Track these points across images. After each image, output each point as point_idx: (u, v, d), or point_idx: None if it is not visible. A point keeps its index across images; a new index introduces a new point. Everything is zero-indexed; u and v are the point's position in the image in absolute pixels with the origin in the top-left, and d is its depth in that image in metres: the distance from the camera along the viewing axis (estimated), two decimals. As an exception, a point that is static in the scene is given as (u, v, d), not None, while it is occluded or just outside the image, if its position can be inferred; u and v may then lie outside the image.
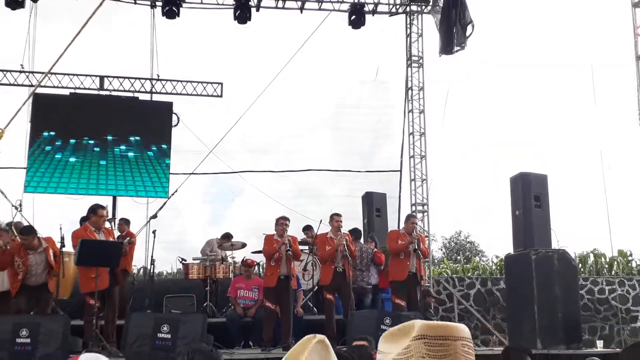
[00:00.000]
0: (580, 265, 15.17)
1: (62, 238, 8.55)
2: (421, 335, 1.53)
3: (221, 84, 13.12)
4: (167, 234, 10.09)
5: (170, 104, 12.71)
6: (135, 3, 12.80)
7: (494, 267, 17.55)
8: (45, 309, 8.29)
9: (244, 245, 11.11)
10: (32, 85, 12.31)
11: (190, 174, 12.89)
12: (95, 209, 8.20)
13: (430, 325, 1.57)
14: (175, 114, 12.70)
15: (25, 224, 10.82)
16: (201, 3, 12.92)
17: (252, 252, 10.96)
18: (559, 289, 8.79)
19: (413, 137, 13.36)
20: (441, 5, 12.58)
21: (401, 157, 13.53)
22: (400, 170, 13.46)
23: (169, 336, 7.09)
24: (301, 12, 13.33)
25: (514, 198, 9.43)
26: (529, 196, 9.11)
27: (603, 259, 16.22)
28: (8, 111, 12.01)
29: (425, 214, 13.11)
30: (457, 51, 12.18)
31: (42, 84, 12.21)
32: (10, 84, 12.34)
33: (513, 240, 9.45)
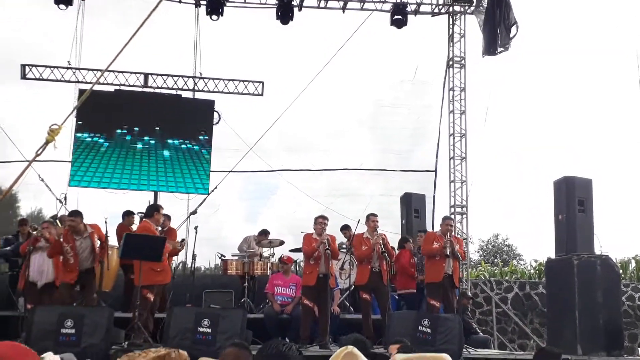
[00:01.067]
0: (621, 271, 14.89)
1: (107, 232, 8.71)
2: None
3: (262, 82, 13.24)
4: (204, 230, 10.20)
5: (212, 102, 12.88)
6: (180, 2, 13.00)
7: (532, 271, 17.34)
8: (90, 294, 8.42)
9: (282, 242, 11.19)
10: (78, 82, 12.58)
11: (230, 171, 13.02)
12: (158, 208, 8.75)
13: (407, 357, 1.63)
14: (216, 111, 12.87)
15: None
16: (244, 2, 13.05)
17: (290, 250, 11.05)
18: (601, 294, 8.63)
19: (454, 138, 13.26)
20: (485, 5, 12.47)
21: (436, 157, 13.47)
22: (435, 171, 13.40)
23: (209, 330, 7.18)
24: (343, 11, 13.35)
25: (558, 202, 9.29)
26: (573, 200, 8.96)
27: (645, 266, 15.90)
28: (55, 106, 12.40)
29: (464, 216, 13.01)
30: (500, 52, 12.06)
31: (88, 79, 12.48)
32: (57, 80, 12.61)
33: (555, 245, 9.32)
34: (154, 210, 8.66)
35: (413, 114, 13.95)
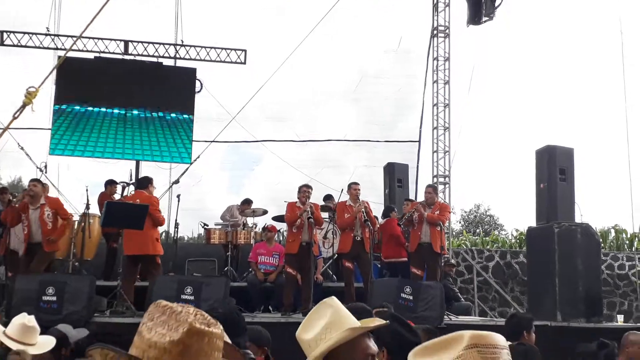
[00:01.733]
0: (601, 240, 15.09)
1: (88, 200, 8.63)
2: (473, 344, 1.61)
3: (245, 50, 13.08)
4: (187, 201, 10.17)
5: (193, 70, 12.72)
6: (161, -33, 12.79)
7: (513, 240, 17.52)
8: (37, 266, 8.10)
9: (265, 211, 11.17)
10: (57, 49, 12.36)
11: (212, 141, 12.93)
12: (150, 180, 8.73)
13: (480, 335, 1.65)
14: (198, 80, 12.71)
15: (51, 186, 10.98)
16: (227, -32, 12.86)
17: (273, 218, 11.04)
18: (581, 262, 8.74)
19: (437, 108, 13.27)
20: (470, -26, 12.39)
21: (420, 127, 13.46)
22: (419, 141, 13.39)
23: (192, 298, 7.19)
24: (327, -21, 13.19)
25: (539, 171, 9.34)
26: (555, 169, 9.01)
27: (624, 235, 16.12)
28: (34, 73, 12.16)
29: (447, 186, 13.08)
30: (485, 22, 12.02)
31: (67, 46, 12.27)
32: (36, 47, 12.38)
33: (536, 213, 9.39)
34: (147, 182, 8.66)
35: (397, 84, 13.92)
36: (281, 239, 11.10)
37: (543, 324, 8.18)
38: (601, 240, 14.97)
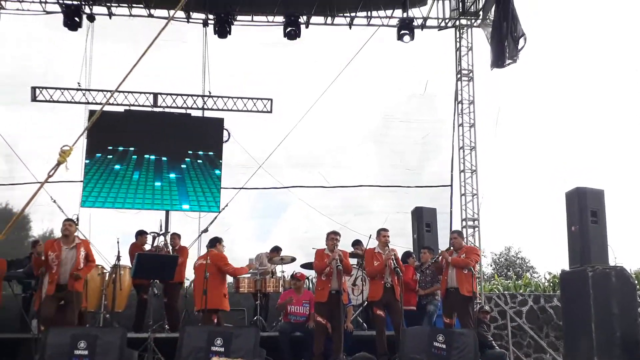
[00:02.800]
0: (636, 282, 14.75)
1: (119, 252, 8.72)
2: None
3: (271, 100, 13.29)
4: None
5: (221, 120, 12.93)
6: (188, 22, 13.12)
7: (546, 283, 17.19)
8: (71, 312, 8.10)
9: (293, 259, 11.14)
10: (88, 103, 12.68)
11: (241, 188, 13.05)
12: (220, 239, 9.43)
13: None
14: (226, 129, 12.90)
15: (82, 237, 11.12)
16: (252, 21, 13.15)
17: (301, 266, 11.00)
18: (617, 306, 8.56)
19: (463, 151, 13.24)
20: (492, 18, 12.49)
21: (451, 171, 13.39)
22: (451, 185, 13.30)
23: (222, 350, 7.16)
24: (350, 27, 13.42)
25: (570, 213, 9.24)
26: (586, 211, 8.92)
27: (660, 276, 15.73)
28: (66, 127, 12.48)
29: (476, 229, 12.94)
30: (509, 64, 12.03)
31: (98, 100, 12.58)
32: (67, 102, 12.72)
33: (569, 257, 9.25)
34: (216, 241, 9.36)
35: (423, 128, 13.96)
36: (310, 286, 11.05)
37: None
38: (637, 282, 14.66)
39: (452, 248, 9.09)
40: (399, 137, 13.92)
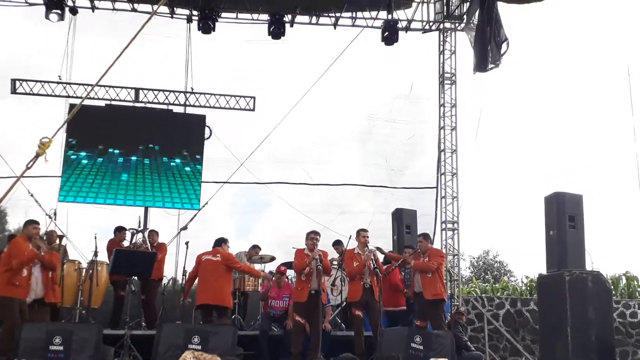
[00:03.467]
0: (612, 287, 14.92)
1: (96, 247, 8.63)
2: None
3: (254, 97, 13.25)
4: (195, 246, 10.12)
5: (203, 117, 12.88)
6: (172, 17, 13.03)
7: (523, 287, 17.33)
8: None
9: (272, 258, 11.13)
10: (69, 96, 12.54)
11: (224, 182, 12.96)
12: (225, 240, 9.37)
13: None
14: (208, 126, 12.85)
15: (59, 233, 11.00)
16: (236, 18, 13.10)
17: (281, 264, 10.98)
18: (593, 311, 8.63)
19: (444, 154, 13.31)
20: (475, 22, 12.56)
21: (437, 173, 13.41)
22: (437, 187, 13.32)
23: (199, 347, 7.12)
24: (335, 28, 13.43)
25: (548, 218, 9.31)
26: (564, 216, 8.99)
27: (635, 282, 15.92)
28: (46, 121, 12.35)
29: (455, 232, 13.01)
30: (491, 69, 12.11)
31: (78, 94, 12.45)
32: (48, 95, 12.57)
33: (546, 261, 9.32)
34: (222, 241, 9.37)
35: (407, 129, 13.98)
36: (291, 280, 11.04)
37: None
38: (612, 287, 14.85)
39: (419, 251, 9.16)
40: (383, 137, 13.93)
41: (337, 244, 10.92)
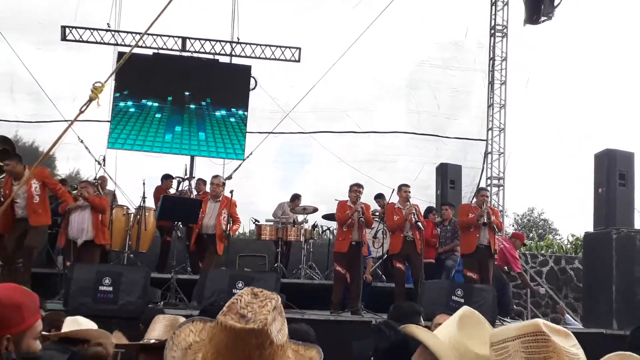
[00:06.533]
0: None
1: (144, 193, 8.81)
2: (490, 344, 1.54)
3: (299, 48, 13.12)
4: (238, 195, 10.25)
5: (249, 68, 12.85)
6: (219, -34, 12.94)
7: (568, 245, 17.12)
8: (28, 241, 8.03)
9: (315, 209, 11.21)
10: (117, 44, 12.65)
11: (269, 132, 13.00)
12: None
13: (494, 332, 1.57)
14: (253, 77, 12.83)
15: (108, 179, 11.26)
16: (283, -34, 12.93)
17: (323, 217, 11.07)
18: (639, 270, 8.48)
19: (493, 108, 13.06)
20: (530, -27, 12.14)
21: (487, 127, 13.14)
22: (487, 140, 13.07)
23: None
24: (383, -24, 13.11)
25: (598, 175, 9.10)
26: (614, 174, 8.78)
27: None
28: (94, 68, 12.50)
29: (501, 188, 12.85)
30: (543, 21, 11.74)
31: (127, 42, 12.54)
32: (97, 42, 12.70)
33: (594, 219, 9.15)
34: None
35: (455, 79, 13.67)
36: (331, 237, 11.13)
37: (598, 331, 7.99)
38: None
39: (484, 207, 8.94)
40: (431, 84, 13.62)
41: (379, 197, 10.94)
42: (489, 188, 12.72)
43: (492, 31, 13.25)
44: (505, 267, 9.90)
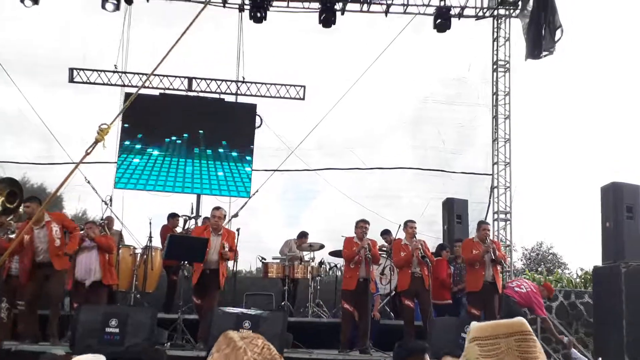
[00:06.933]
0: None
1: (151, 233, 8.82)
2: (474, 338, 1.57)
3: (304, 86, 13.26)
4: (244, 233, 10.27)
5: (254, 106, 12.97)
6: (224, 7, 13.15)
7: (578, 279, 16.96)
8: (55, 289, 8.11)
9: (322, 246, 11.19)
10: (124, 85, 12.81)
11: (274, 170, 13.06)
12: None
13: (481, 326, 1.60)
14: (258, 115, 12.93)
15: (115, 219, 11.28)
16: (287, 7, 13.11)
17: (330, 253, 11.05)
18: (650, 304, 8.40)
19: (497, 143, 13.08)
20: (529, 9, 12.26)
21: (492, 162, 13.16)
22: (493, 174, 13.06)
23: (250, 332, 7.20)
24: (386, 15, 13.27)
25: (605, 208, 9.09)
26: (621, 207, 8.77)
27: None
28: (101, 109, 12.64)
29: (508, 222, 12.79)
30: (545, 56, 11.81)
31: (134, 83, 12.71)
32: (104, 84, 12.87)
33: (602, 252, 9.11)
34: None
35: (459, 115, 13.73)
36: (338, 274, 11.09)
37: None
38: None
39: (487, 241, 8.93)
40: (436, 120, 13.67)
41: (385, 233, 10.93)
42: (496, 223, 12.67)
43: (495, 66, 13.35)
44: (526, 309, 9.75)
